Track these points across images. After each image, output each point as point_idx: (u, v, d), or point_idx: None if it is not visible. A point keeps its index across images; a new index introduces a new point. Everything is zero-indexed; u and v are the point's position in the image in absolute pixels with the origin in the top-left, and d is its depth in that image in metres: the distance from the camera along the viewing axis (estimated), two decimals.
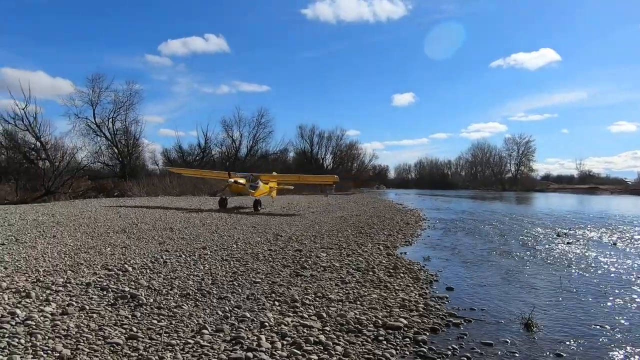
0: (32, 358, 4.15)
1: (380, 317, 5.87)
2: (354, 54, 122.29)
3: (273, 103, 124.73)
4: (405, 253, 11.49)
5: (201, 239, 12.00)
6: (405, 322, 5.71)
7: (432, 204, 39.02)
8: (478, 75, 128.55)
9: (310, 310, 6.04)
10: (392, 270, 8.88)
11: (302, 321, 5.56)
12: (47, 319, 5.19)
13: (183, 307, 5.96)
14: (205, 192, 34.56)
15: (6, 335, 4.60)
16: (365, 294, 7.02)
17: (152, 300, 6.19)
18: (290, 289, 7.09)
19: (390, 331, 5.40)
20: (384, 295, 7.01)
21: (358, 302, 6.54)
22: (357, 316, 5.83)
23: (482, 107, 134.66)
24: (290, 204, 28.90)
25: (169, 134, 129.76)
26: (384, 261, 9.86)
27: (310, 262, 9.34)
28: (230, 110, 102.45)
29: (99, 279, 7.15)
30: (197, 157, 56.22)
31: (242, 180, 22.90)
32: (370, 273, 8.55)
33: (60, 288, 6.51)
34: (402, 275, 8.56)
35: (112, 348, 4.49)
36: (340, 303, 6.47)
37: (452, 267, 9.96)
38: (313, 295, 6.77)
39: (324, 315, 5.84)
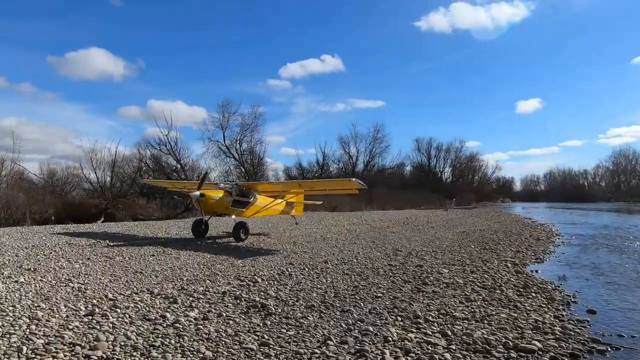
0: (180, 357, 4.66)
1: (510, 338, 5.51)
2: (472, 62, 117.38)
3: (388, 118, 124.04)
4: (536, 271, 10.63)
5: (323, 252, 12.40)
6: (539, 345, 5.29)
7: (565, 218, 35.58)
8: (617, 74, 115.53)
9: (433, 327, 5.89)
10: (522, 289, 8.29)
11: (425, 338, 5.45)
12: (191, 323, 5.79)
13: (308, 317, 6.22)
14: (324, 207, 35.45)
15: (159, 335, 5.25)
16: (493, 313, 6.65)
17: (280, 310, 6.56)
18: (413, 305, 6.99)
19: (523, 354, 5.04)
20: (514, 315, 6.57)
21: (485, 322, 6.22)
22: (485, 336, 5.55)
23: (624, 109, 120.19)
24: (407, 219, 28.50)
25: (290, 152, 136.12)
26: (512, 279, 9.24)
27: (432, 278, 9.11)
28: (347, 127, 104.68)
29: (232, 289, 7.77)
30: (316, 174, 58.28)
31: (216, 194, 14.68)
32: (498, 291, 8.07)
33: (201, 296, 7.22)
34: (533, 294, 7.94)
35: (247, 353, 4.85)
36: (466, 321, 6.21)
37: (593, 288, 8.97)
38: (436, 312, 6.60)
39: (449, 333, 5.66)
